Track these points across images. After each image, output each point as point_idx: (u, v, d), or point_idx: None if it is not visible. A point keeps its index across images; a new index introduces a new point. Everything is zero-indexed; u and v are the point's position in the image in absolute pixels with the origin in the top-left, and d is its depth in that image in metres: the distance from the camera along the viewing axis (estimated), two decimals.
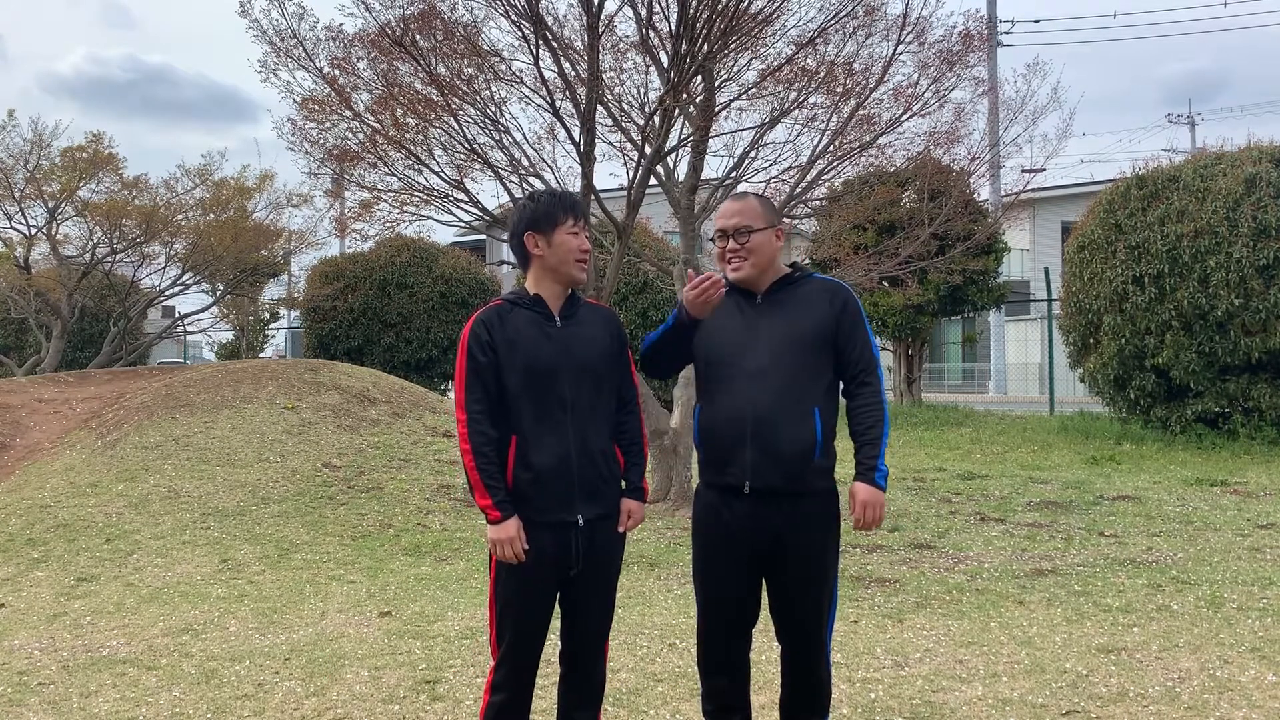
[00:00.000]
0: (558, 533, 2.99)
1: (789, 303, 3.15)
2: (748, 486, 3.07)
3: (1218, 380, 11.23)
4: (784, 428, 3.04)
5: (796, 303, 3.14)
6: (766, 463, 3.05)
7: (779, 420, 3.05)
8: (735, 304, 3.19)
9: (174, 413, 9.77)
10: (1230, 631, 4.80)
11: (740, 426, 3.06)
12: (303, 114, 8.92)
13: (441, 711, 4.00)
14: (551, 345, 3.02)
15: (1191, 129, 43.51)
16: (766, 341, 3.09)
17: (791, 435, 3.04)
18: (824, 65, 8.81)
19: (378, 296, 19.76)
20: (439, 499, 8.32)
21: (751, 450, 3.05)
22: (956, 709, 3.92)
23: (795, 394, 3.06)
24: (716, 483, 3.15)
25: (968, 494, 8.82)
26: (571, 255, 3.05)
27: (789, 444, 3.04)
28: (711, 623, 3.20)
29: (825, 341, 3.11)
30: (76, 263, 18.37)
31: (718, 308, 3.10)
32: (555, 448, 2.98)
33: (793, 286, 3.18)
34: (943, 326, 27.67)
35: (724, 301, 3.16)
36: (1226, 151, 12.01)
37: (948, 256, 12.15)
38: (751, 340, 3.11)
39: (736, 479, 3.09)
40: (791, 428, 3.05)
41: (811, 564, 3.11)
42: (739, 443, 3.07)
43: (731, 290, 3.19)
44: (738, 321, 3.16)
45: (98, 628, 5.32)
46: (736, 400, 3.08)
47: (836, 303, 3.13)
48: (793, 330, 3.09)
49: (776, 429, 3.04)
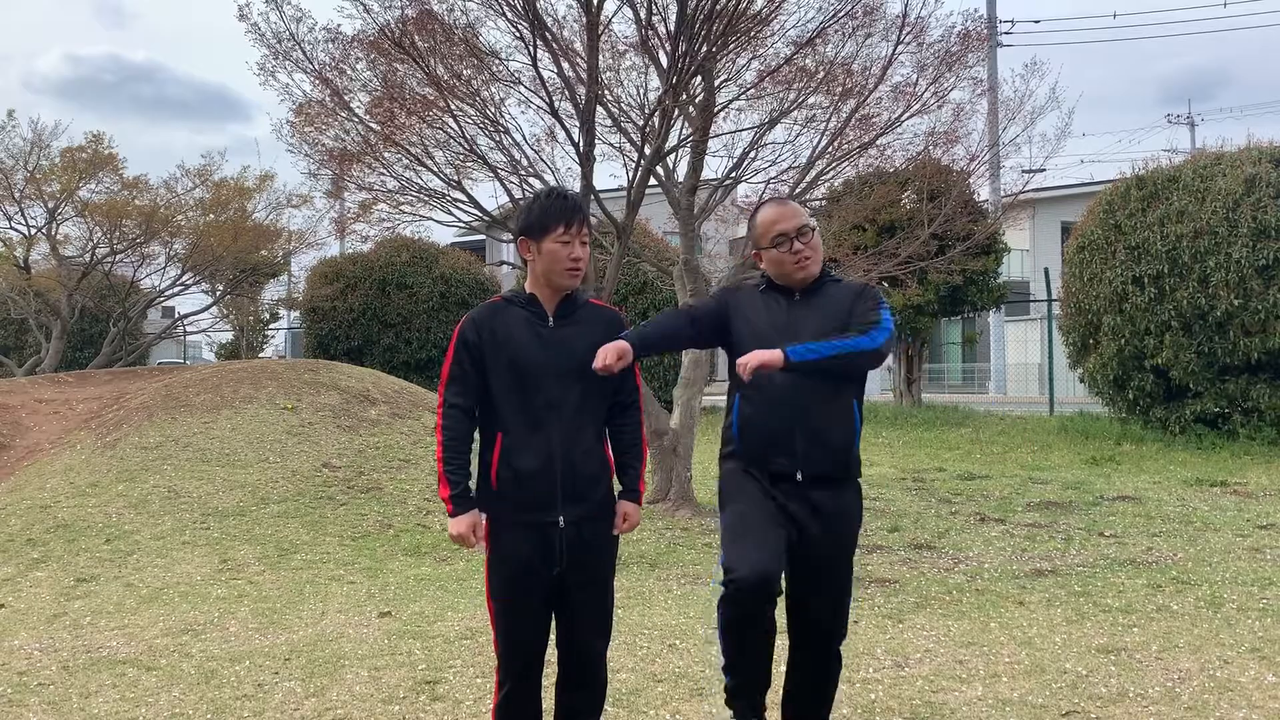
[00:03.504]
0: (538, 532, 3.00)
1: (823, 301, 3.28)
2: (800, 474, 3.17)
3: (1217, 380, 11.23)
4: (830, 418, 3.19)
5: (830, 301, 3.28)
6: (818, 451, 3.17)
7: (825, 410, 3.18)
8: (775, 301, 3.32)
9: (174, 413, 9.77)
10: (1230, 632, 4.80)
11: (789, 416, 3.17)
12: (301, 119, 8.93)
13: (441, 712, 4.00)
14: (541, 345, 3.03)
15: (1191, 129, 43.52)
16: (809, 336, 3.17)
17: (837, 425, 3.19)
18: (823, 66, 8.81)
19: (377, 297, 19.76)
20: (438, 499, 8.31)
21: (802, 440, 3.16)
22: (956, 709, 3.92)
23: (835, 386, 3.20)
24: (763, 471, 3.21)
25: (968, 494, 8.83)
26: (559, 265, 3.04)
27: (836, 434, 3.19)
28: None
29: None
30: (76, 263, 18.38)
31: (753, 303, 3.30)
32: (539, 448, 2.99)
33: (826, 287, 3.32)
34: (943, 327, 27.65)
35: (763, 299, 3.33)
36: (1226, 152, 12.02)
37: (947, 257, 12.13)
38: (794, 335, 3.18)
39: (787, 468, 3.18)
40: (836, 418, 3.19)
41: (845, 546, 3.25)
42: (789, 433, 3.17)
43: (768, 289, 3.34)
44: (780, 318, 3.26)
45: (98, 628, 5.31)
46: (782, 392, 3.17)
47: (863, 295, 3.29)
48: (830, 325, 3.21)
49: (824, 419, 3.18)
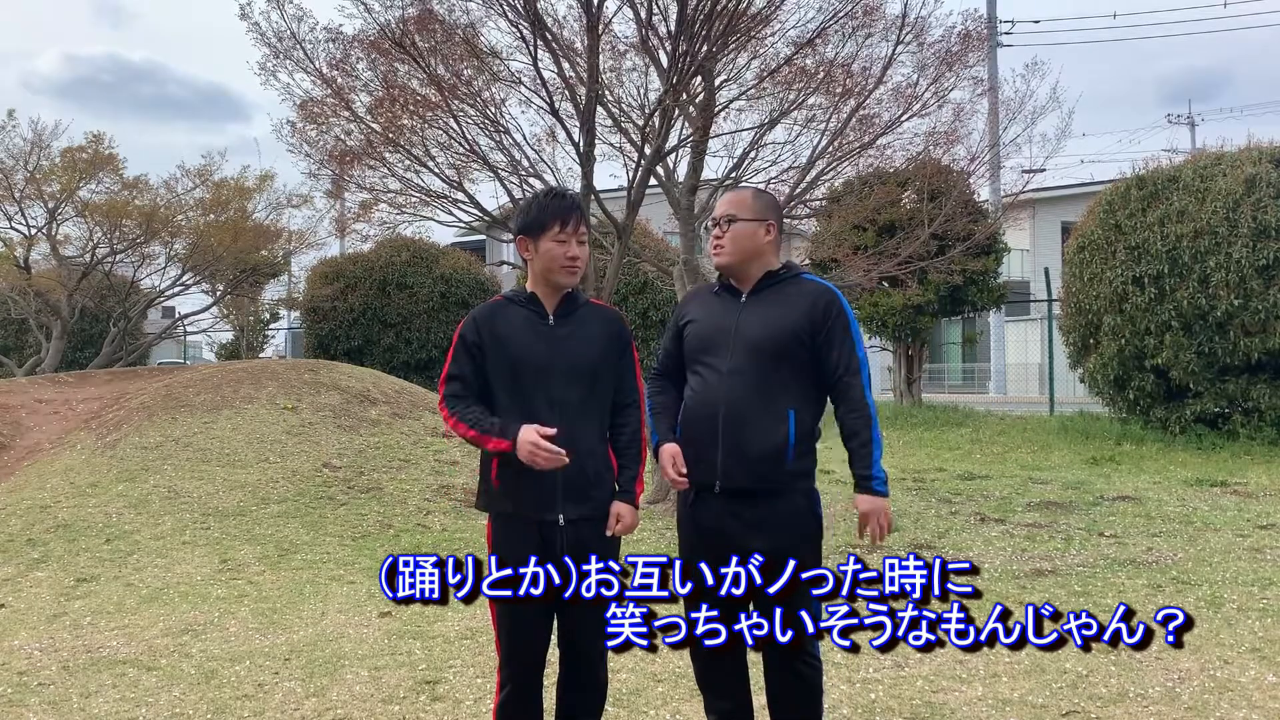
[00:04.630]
0: (538, 528, 3.00)
1: (772, 301, 3.13)
2: (718, 486, 3.06)
3: (1217, 380, 11.23)
4: (754, 427, 3.03)
5: (779, 302, 3.12)
6: (733, 462, 3.03)
7: (749, 419, 3.03)
8: (720, 300, 3.20)
9: (174, 413, 9.77)
10: (1230, 632, 4.80)
11: (712, 424, 3.06)
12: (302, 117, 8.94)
13: (441, 712, 4.00)
14: (541, 344, 3.03)
15: (1191, 129, 43.51)
16: (744, 339, 3.07)
17: (761, 436, 3.02)
18: (823, 66, 8.81)
19: (378, 297, 19.76)
20: (439, 499, 8.32)
21: (721, 449, 3.04)
22: (956, 709, 3.92)
23: (769, 394, 3.04)
24: (692, 480, 3.12)
25: (968, 494, 8.83)
26: (555, 263, 3.04)
27: (758, 444, 3.02)
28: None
29: (802, 343, 3.06)
30: (76, 263, 18.36)
31: (704, 303, 3.21)
32: None
33: (779, 285, 3.15)
34: (943, 327, 27.64)
35: (709, 297, 3.22)
36: (1226, 152, 12.01)
37: (948, 257, 12.15)
38: (729, 337, 3.09)
39: (707, 477, 3.08)
40: (762, 428, 3.03)
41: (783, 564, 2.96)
42: (710, 441, 3.06)
43: (720, 287, 3.22)
44: (719, 318, 3.15)
45: (98, 628, 5.31)
46: (710, 397, 3.07)
47: (819, 305, 3.08)
48: (769, 330, 3.07)
49: (746, 428, 3.03)
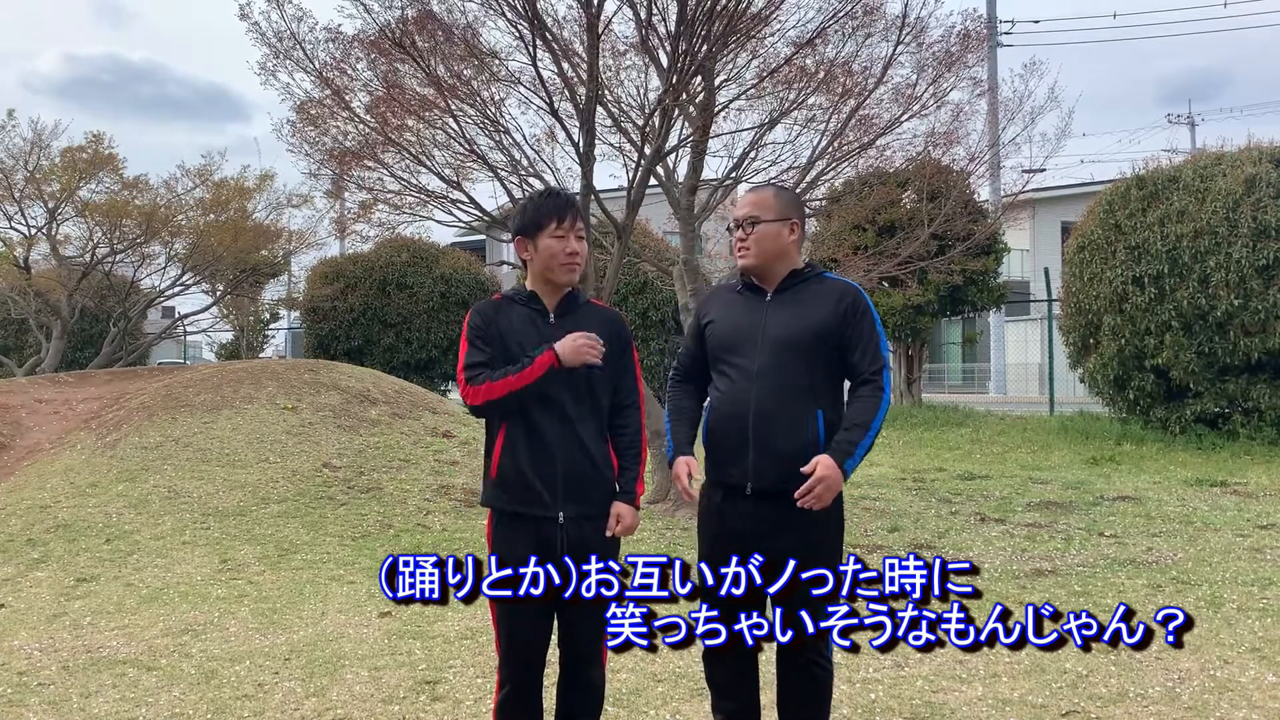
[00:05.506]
0: (537, 526, 3.00)
1: (797, 301, 3.12)
2: (749, 488, 3.05)
3: (1217, 380, 11.23)
4: (784, 427, 3.02)
5: (804, 301, 3.11)
6: (766, 463, 3.02)
7: (779, 419, 3.03)
8: (745, 300, 3.19)
9: (174, 413, 9.76)
10: (1230, 632, 4.80)
11: (742, 424, 3.05)
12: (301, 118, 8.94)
13: (441, 712, 4.00)
14: (542, 341, 3.03)
15: (1191, 129, 43.51)
16: (770, 340, 3.07)
17: (791, 435, 3.02)
18: (823, 66, 8.82)
19: (378, 297, 19.77)
20: (439, 499, 8.32)
21: (753, 449, 3.04)
22: (956, 709, 3.92)
23: (796, 394, 3.04)
24: (720, 482, 3.14)
25: (968, 494, 8.83)
26: (555, 260, 3.04)
27: (788, 444, 3.01)
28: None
29: (828, 342, 3.06)
30: (76, 263, 18.36)
31: (727, 303, 3.19)
32: (539, 443, 2.99)
33: (803, 284, 3.15)
34: (943, 327, 27.65)
35: (732, 296, 3.20)
36: (1226, 152, 12.02)
37: (948, 257, 12.15)
38: (755, 338, 3.09)
39: (738, 479, 3.08)
40: (791, 428, 3.03)
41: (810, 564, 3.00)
42: (741, 443, 3.06)
43: (743, 287, 3.21)
44: (744, 319, 3.14)
45: (98, 628, 5.31)
46: (739, 397, 3.07)
47: (844, 303, 3.08)
48: (795, 329, 3.06)
49: (776, 428, 3.02)
